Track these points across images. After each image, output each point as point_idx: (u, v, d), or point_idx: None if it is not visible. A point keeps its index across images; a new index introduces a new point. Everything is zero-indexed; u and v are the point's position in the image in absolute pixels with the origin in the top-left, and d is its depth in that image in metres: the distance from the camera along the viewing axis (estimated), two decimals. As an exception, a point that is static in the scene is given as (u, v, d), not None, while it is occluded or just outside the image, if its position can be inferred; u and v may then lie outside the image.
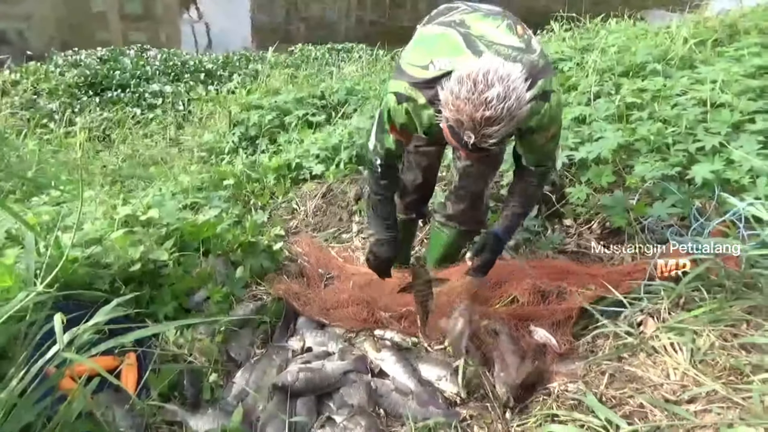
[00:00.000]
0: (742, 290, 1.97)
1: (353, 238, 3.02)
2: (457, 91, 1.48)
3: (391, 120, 1.87)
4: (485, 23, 1.80)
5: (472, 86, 1.45)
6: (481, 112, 1.44)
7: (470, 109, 1.45)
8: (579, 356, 2.05)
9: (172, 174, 3.78)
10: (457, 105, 1.48)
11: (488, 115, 1.44)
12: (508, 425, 1.79)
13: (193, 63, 8.58)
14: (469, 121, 1.46)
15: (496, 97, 1.43)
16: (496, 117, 1.45)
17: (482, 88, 1.44)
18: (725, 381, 1.68)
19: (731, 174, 2.41)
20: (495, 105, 1.44)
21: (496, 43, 1.71)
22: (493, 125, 1.46)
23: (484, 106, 1.44)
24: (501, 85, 1.44)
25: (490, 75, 1.45)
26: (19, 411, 1.29)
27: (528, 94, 1.51)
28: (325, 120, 4.90)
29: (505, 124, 1.46)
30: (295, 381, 1.87)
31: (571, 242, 2.63)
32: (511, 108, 1.45)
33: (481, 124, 1.46)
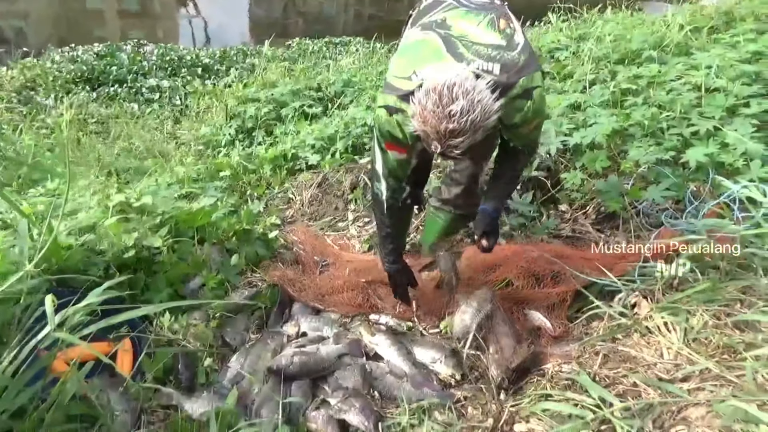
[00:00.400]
0: (736, 271, 1.97)
1: (349, 227, 3.02)
2: (423, 103, 1.53)
3: (384, 136, 1.89)
4: (466, 21, 1.80)
5: (437, 99, 1.50)
6: (445, 124, 1.50)
7: (435, 122, 1.51)
8: (573, 338, 2.06)
9: (168, 166, 3.77)
10: (423, 117, 1.53)
11: (452, 128, 1.50)
12: (502, 405, 1.79)
13: (190, 58, 8.57)
14: (435, 132, 1.52)
15: (459, 110, 1.49)
16: (459, 129, 1.50)
17: (446, 101, 1.50)
18: (719, 359, 1.68)
19: (725, 157, 2.41)
20: (458, 118, 1.49)
21: (476, 42, 1.72)
22: (458, 137, 1.51)
23: (448, 119, 1.49)
24: (465, 99, 1.49)
25: (454, 89, 1.50)
26: (11, 392, 1.29)
27: (496, 104, 1.55)
28: (321, 112, 4.90)
29: (469, 135, 1.52)
30: (289, 364, 1.88)
31: (566, 227, 2.62)
32: (475, 120, 1.50)
33: (445, 136, 1.51)
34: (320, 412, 1.76)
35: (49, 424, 1.39)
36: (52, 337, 1.30)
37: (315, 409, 1.78)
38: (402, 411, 1.75)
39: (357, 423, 1.70)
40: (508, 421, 1.73)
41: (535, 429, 1.67)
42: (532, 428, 1.68)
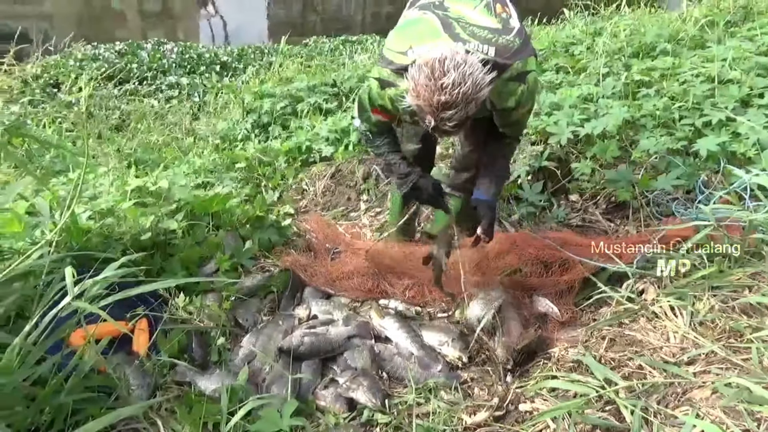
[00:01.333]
0: (744, 258, 1.97)
1: (361, 216, 3.07)
2: (416, 78, 1.58)
3: (373, 103, 1.95)
4: (463, 4, 1.84)
5: (429, 73, 1.55)
6: (437, 97, 1.55)
7: (428, 95, 1.56)
8: (581, 324, 2.07)
9: (185, 158, 3.85)
10: (416, 91, 1.58)
11: (444, 100, 1.54)
12: (508, 386, 1.82)
13: (209, 56, 8.69)
14: (428, 105, 1.57)
15: (451, 83, 1.53)
16: (451, 102, 1.55)
17: (438, 74, 1.54)
18: (725, 343, 1.69)
19: (737, 147, 2.41)
20: (450, 90, 1.53)
21: (473, 24, 1.76)
22: (450, 109, 1.55)
23: (440, 91, 1.54)
24: (456, 72, 1.53)
25: (446, 62, 1.55)
26: (32, 359, 1.35)
27: (488, 77, 1.59)
28: (336, 107, 4.94)
29: (461, 108, 1.56)
30: (300, 344, 1.92)
31: (576, 217, 2.64)
32: (466, 93, 1.54)
33: (438, 108, 1.56)
34: (329, 390, 1.80)
35: (67, 392, 1.44)
36: (71, 308, 1.36)
37: (324, 387, 1.82)
38: (409, 390, 1.79)
39: (365, 400, 1.73)
40: (514, 401, 1.75)
41: (540, 408, 1.69)
42: (537, 407, 1.70)
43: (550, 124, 2.77)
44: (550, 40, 4.92)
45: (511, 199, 2.73)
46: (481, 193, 2.08)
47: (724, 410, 1.46)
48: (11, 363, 1.24)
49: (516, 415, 1.70)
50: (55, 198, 2.17)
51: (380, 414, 1.70)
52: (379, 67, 1.87)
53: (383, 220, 2.95)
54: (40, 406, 1.40)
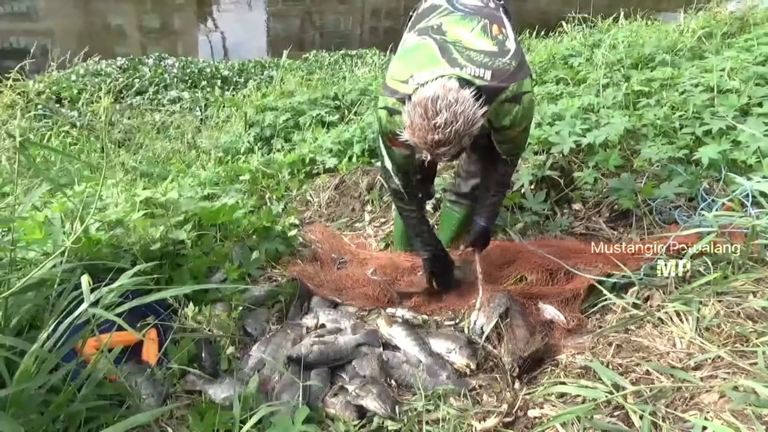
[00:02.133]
0: (748, 264, 2.00)
1: (365, 227, 3.09)
2: (412, 116, 1.64)
3: (388, 135, 1.97)
4: (461, 27, 1.87)
5: (423, 113, 1.61)
6: (431, 136, 1.61)
7: (422, 134, 1.63)
8: (587, 331, 2.09)
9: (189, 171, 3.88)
10: (412, 129, 1.65)
11: (437, 138, 1.61)
12: (516, 393, 1.83)
13: (210, 70, 8.77)
14: (423, 143, 1.65)
15: (444, 122, 1.59)
16: (444, 140, 1.61)
17: (431, 114, 1.60)
18: (731, 348, 1.70)
19: (738, 154, 2.45)
20: (442, 130, 1.60)
21: (469, 48, 1.80)
22: (444, 146, 1.63)
23: (433, 130, 1.60)
24: (448, 112, 1.59)
25: (438, 102, 1.60)
26: (47, 366, 1.36)
27: (480, 111, 1.64)
28: (338, 119, 5.00)
29: (454, 144, 1.63)
30: (308, 353, 1.93)
31: (579, 225, 2.66)
32: (459, 131, 1.61)
33: (433, 146, 1.63)
34: (338, 397, 1.80)
35: (81, 400, 1.46)
36: (86, 315, 1.37)
37: (333, 395, 1.82)
38: (418, 397, 1.80)
39: (374, 408, 1.74)
40: (523, 407, 1.76)
41: (549, 414, 1.70)
42: (545, 413, 1.71)
43: (552, 134, 2.80)
44: (548, 52, 4.98)
45: (515, 208, 2.75)
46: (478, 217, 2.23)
47: (732, 414, 1.47)
48: (29, 370, 1.26)
49: (525, 421, 1.71)
50: (64, 209, 2.19)
51: (390, 421, 1.71)
52: (384, 97, 1.90)
53: (388, 231, 2.97)
54: (55, 413, 1.41)
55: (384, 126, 1.95)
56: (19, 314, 1.51)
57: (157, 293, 1.49)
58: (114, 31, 14.26)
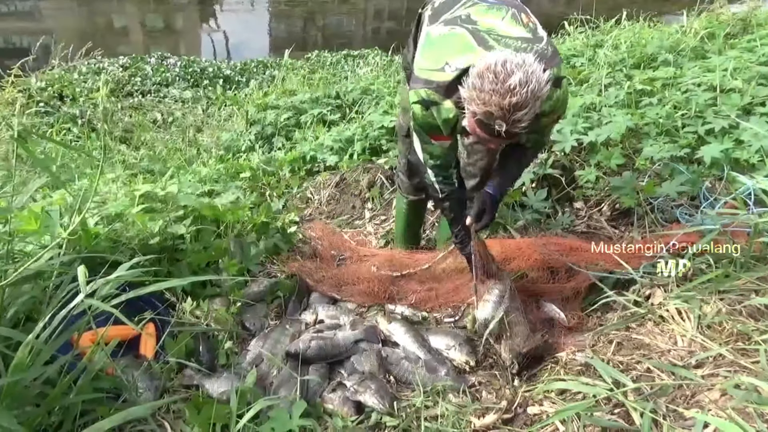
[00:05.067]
0: (750, 262, 1.98)
1: (366, 224, 3.08)
2: (480, 85, 1.55)
3: (426, 129, 1.92)
4: (490, 16, 1.85)
5: (493, 77, 1.52)
6: (508, 99, 1.50)
7: (497, 99, 1.52)
8: (587, 329, 2.07)
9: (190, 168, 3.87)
10: (482, 98, 1.54)
11: (515, 101, 1.51)
12: (516, 390, 1.81)
13: (212, 69, 8.78)
14: (498, 110, 1.53)
15: (518, 83, 1.50)
16: (522, 102, 1.51)
17: (504, 77, 1.51)
18: (732, 346, 1.68)
19: (740, 153, 2.43)
20: (519, 90, 1.51)
21: (504, 35, 1.77)
22: (521, 109, 1.52)
23: (510, 93, 1.51)
24: (521, 71, 1.51)
25: (508, 64, 1.53)
26: (42, 358, 1.35)
27: (546, 74, 1.57)
28: (339, 118, 4.98)
29: (531, 106, 1.53)
30: (307, 348, 1.92)
31: (580, 223, 2.65)
32: (534, 91, 1.52)
33: (510, 111, 1.52)
34: (336, 393, 1.79)
35: (77, 392, 1.44)
36: (82, 307, 1.36)
37: (331, 391, 1.81)
38: (416, 393, 1.78)
39: (372, 404, 1.72)
40: (522, 404, 1.75)
41: (549, 411, 1.69)
42: (545, 410, 1.70)
43: (554, 133, 2.79)
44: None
45: (516, 206, 2.74)
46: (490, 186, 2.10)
47: (734, 411, 1.45)
48: (23, 361, 1.24)
49: (524, 418, 1.69)
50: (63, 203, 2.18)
51: (388, 417, 1.70)
52: (416, 90, 1.84)
53: (388, 228, 2.96)
54: (50, 405, 1.40)
55: (421, 121, 1.89)
56: (16, 306, 1.50)
57: (158, 284, 1.47)
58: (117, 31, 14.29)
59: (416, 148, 2.05)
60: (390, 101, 4.58)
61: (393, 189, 3.18)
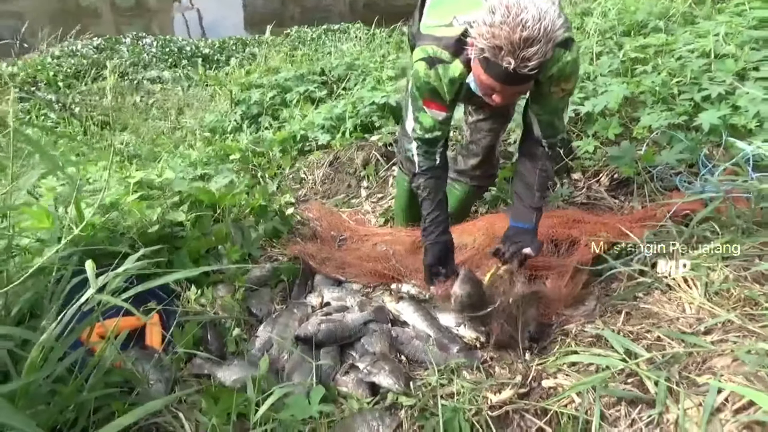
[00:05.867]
0: (753, 228, 2.00)
1: (363, 203, 3.05)
2: (491, 20, 1.48)
3: (423, 92, 1.85)
4: None
5: (505, 11, 1.46)
6: (518, 33, 1.44)
7: (507, 32, 1.45)
8: (595, 300, 2.08)
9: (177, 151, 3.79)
10: (492, 32, 1.47)
11: (526, 35, 1.44)
12: (528, 365, 1.82)
13: (190, 48, 8.58)
14: (508, 44, 1.46)
15: (531, 17, 1.44)
16: (533, 37, 1.44)
17: (517, 11, 1.45)
18: (740, 312, 1.70)
19: (738, 119, 2.43)
20: (531, 25, 1.44)
21: None
22: (532, 46, 1.45)
23: (521, 26, 1.44)
24: (534, 8, 1.45)
25: (522, 0, 1.46)
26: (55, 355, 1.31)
27: (561, 19, 1.51)
28: (326, 95, 4.91)
29: (542, 45, 1.46)
30: (317, 332, 1.90)
31: (580, 195, 2.65)
32: (547, 28, 1.45)
33: (519, 46, 1.45)
34: (350, 375, 1.78)
35: (89, 389, 1.41)
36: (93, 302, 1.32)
37: (344, 373, 1.80)
38: (431, 372, 1.78)
39: (387, 384, 1.72)
40: (536, 377, 1.75)
41: (563, 383, 1.70)
42: (560, 383, 1.70)
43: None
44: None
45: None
46: (519, 220, 2.01)
47: (746, 377, 1.47)
48: (36, 360, 1.21)
49: (540, 392, 1.70)
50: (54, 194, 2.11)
51: (404, 397, 1.69)
52: (422, 47, 1.78)
53: (386, 206, 2.94)
54: (63, 404, 1.37)
55: (421, 81, 1.81)
56: (19, 303, 1.45)
57: (165, 276, 1.44)
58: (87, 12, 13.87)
59: (407, 116, 1.98)
60: (377, 76, 4.51)
61: (388, 166, 3.15)
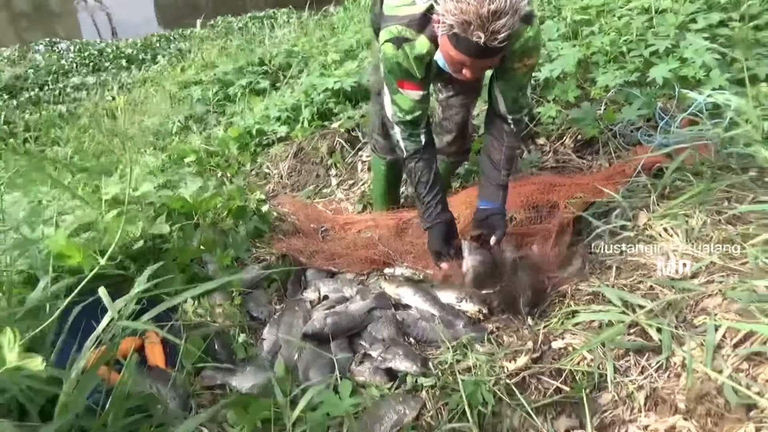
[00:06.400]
0: (717, 173, 2.12)
1: (334, 191, 3.03)
2: None
3: (395, 74, 1.85)
4: None
5: None
6: (486, 6, 1.46)
7: (475, 7, 1.47)
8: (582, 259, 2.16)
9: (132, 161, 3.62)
10: (460, 8, 1.49)
11: (494, 8, 1.47)
12: (534, 330, 1.88)
13: (111, 50, 8.17)
14: (477, 18, 1.48)
15: None
16: (501, 10, 1.47)
17: None
18: (721, 253, 1.81)
19: (687, 71, 2.55)
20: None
21: None
22: (500, 18, 1.48)
23: (488, 0, 1.46)
24: None
25: None
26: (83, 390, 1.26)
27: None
28: (270, 86, 4.80)
29: (510, 17, 1.49)
30: (323, 327, 1.89)
31: (548, 159, 2.73)
32: (512, 1, 1.49)
33: (489, 19, 1.48)
34: (364, 365, 1.79)
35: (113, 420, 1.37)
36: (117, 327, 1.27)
37: (359, 363, 1.80)
38: (443, 350, 1.82)
39: (405, 368, 1.73)
40: (545, 341, 1.82)
41: (572, 343, 1.77)
42: (569, 342, 1.78)
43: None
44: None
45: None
46: (487, 200, 2.06)
47: (737, 313, 1.58)
48: (69, 399, 1.16)
49: (552, 354, 1.76)
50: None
51: (423, 378, 1.72)
52: (387, 29, 1.79)
53: (359, 192, 2.93)
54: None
55: (391, 62, 1.82)
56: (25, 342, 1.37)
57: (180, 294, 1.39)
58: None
59: (385, 103, 1.99)
60: (322, 61, 4.45)
61: (354, 152, 3.13)
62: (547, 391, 1.66)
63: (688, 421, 1.42)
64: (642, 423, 1.49)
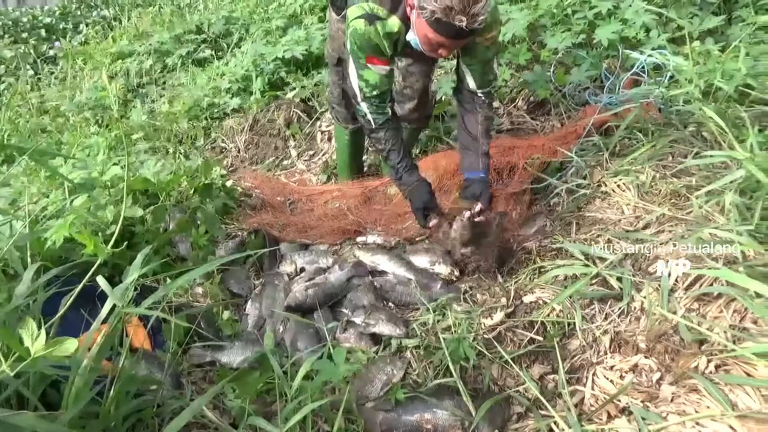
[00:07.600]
0: (661, 129, 2.28)
1: (295, 162, 3.03)
2: None
3: (364, 49, 1.89)
4: None
5: None
6: None
7: None
8: (543, 216, 2.30)
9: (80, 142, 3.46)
10: None
11: None
12: (504, 286, 2.00)
13: (27, 20, 7.59)
14: (458, 3, 1.56)
15: None
16: None
17: None
18: (670, 205, 1.97)
19: (628, 32, 2.68)
20: None
21: None
22: (479, 2, 1.57)
23: None
24: None
25: None
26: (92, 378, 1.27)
27: None
28: (211, 55, 4.65)
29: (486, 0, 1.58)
30: (305, 298, 1.95)
31: (503, 121, 2.83)
32: None
33: (469, 3, 1.56)
34: (349, 332, 1.86)
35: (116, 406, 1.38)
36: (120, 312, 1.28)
37: (343, 331, 1.88)
38: (424, 311, 1.91)
39: (389, 332, 1.82)
40: (516, 296, 1.95)
41: (542, 296, 1.91)
42: (539, 296, 1.91)
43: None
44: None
45: (445, 117, 2.85)
46: (469, 170, 2.12)
47: (687, 258, 1.74)
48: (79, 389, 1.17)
49: (524, 308, 1.90)
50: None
51: (407, 339, 1.81)
52: (357, 5, 1.82)
53: (320, 162, 2.95)
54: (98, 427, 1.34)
55: (360, 38, 1.86)
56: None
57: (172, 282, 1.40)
58: None
59: (351, 78, 2.02)
60: (266, 28, 4.34)
61: (312, 122, 3.13)
62: (521, 343, 1.79)
63: (649, 358, 1.57)
64: (608, 363, 1.63)
